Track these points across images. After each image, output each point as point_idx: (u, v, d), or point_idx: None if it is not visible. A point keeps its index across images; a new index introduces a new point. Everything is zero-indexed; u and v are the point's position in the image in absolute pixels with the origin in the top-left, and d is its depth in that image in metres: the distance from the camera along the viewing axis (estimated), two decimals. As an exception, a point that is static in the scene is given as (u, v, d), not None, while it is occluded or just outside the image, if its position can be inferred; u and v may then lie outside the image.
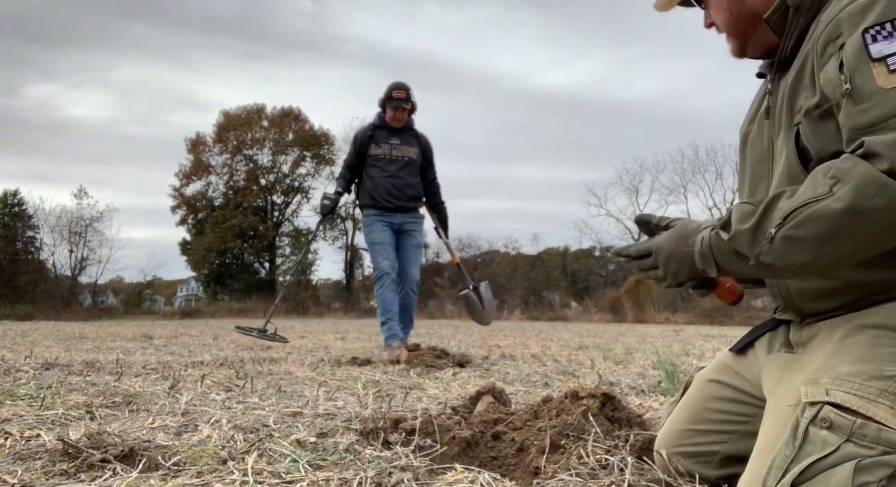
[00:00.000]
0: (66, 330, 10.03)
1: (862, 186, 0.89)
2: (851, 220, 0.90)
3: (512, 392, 2.75)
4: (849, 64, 0.96)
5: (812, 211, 0.94)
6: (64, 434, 1.63)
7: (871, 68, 0.93)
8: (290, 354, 5.03)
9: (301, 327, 12.03)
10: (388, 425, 1.82)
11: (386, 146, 4.88)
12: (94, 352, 5.08)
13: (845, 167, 0.92)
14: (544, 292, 32.46)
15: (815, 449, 0.94)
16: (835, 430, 0.94)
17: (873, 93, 0.93)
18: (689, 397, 1.44)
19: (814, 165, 1.04)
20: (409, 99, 4.79)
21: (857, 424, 0.93)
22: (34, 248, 28.05)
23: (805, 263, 0.97)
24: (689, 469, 1.33)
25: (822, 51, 1.03)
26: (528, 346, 6.64)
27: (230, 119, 34.42)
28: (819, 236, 0.94)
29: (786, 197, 1.00)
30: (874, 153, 0.89)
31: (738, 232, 1.04)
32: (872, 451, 0.92)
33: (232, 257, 34.48)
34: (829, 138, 1.03)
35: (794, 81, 1.11)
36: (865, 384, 0.97)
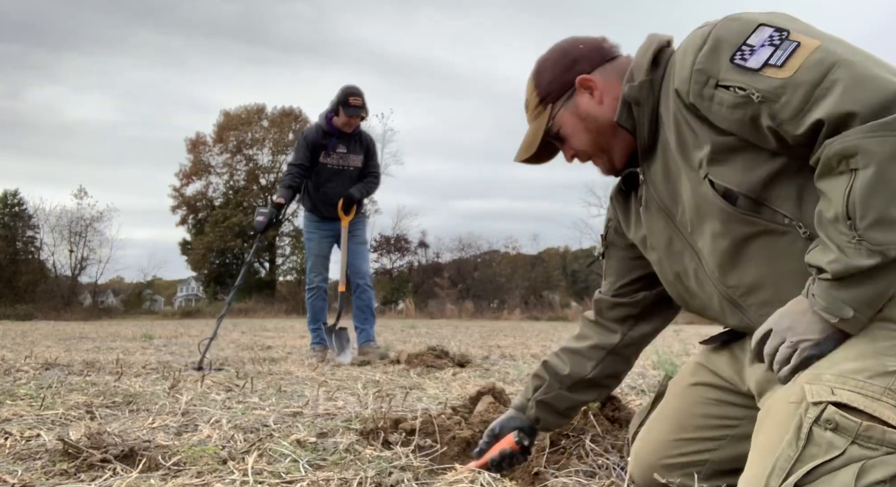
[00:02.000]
0: (66, 330, 10.03)
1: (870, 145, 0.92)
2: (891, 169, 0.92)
3: (512, 392, 2.74)
4: (742, 83, 1.04)
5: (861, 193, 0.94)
6: (64, 434, 1.63)
7: (763, 75, 1.02)
8: (290, 354, 5.03)
9: (301, 327, 12.03)
10: (388, 425, 1.82)
11: (335, 156, 4.72)
12: (94, 352, 5.08)
13: (836, 146, 0.95)
14: (544, 292, 32.44)
15: (820, 452, 0.93)
16: (840, 432, 0.94)
17: (783, 85, 1.00)
18: (669, 404, 1.41)
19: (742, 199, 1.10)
20: (364, 106, 4.59)
21: (862, 426, 0.93)
22: (34, 248, 28.05)
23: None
24: (667, 482, 1.29)
25: (699, 100, 1.09)
26: (528, 346, 6.63)
27: (230, 119, 34.42)
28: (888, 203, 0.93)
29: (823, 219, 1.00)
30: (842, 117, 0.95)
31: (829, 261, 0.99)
32: (876, 452, 0.92)
33: (232, 256, 34.47)
34: (739, 169, 1.10)
35: (677, 150, 1.17)
36: (869, 382, 0.97)
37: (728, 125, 1.08)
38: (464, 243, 33.87)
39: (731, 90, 1.05)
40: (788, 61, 1.00)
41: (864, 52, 1.00)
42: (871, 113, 0.93)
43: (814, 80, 0.98)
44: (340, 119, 4.59)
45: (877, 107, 0.93)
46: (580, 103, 1.29)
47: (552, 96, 1.32)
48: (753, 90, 1.02)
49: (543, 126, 1.33)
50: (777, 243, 1.11)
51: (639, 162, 1.29)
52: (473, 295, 30.38)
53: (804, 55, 1.00)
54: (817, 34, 1.03)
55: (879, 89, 0.94)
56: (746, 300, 1.18)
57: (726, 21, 1.10)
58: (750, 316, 1.19)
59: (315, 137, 4.69)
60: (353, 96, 4.54)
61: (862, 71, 0.96)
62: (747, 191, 1.10)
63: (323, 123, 4.70)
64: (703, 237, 1.19)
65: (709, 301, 1.25)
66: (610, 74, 1.29)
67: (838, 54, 0.98)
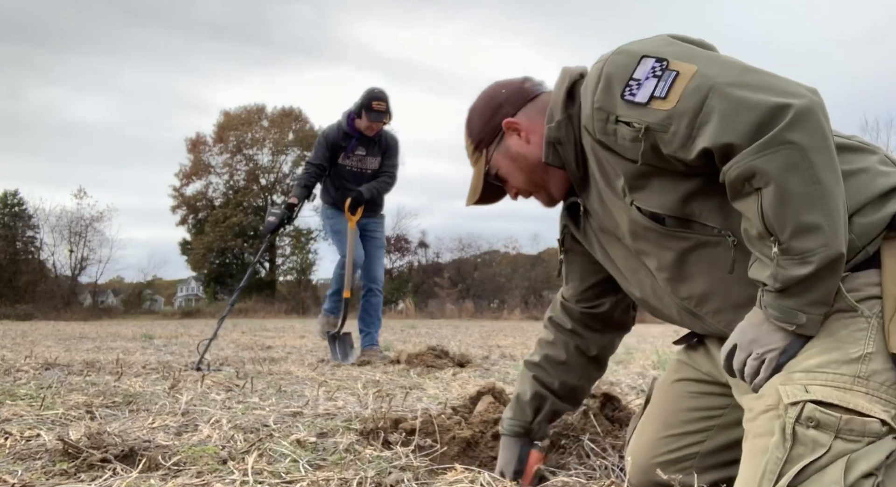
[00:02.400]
0: (66, 330, 10.03)
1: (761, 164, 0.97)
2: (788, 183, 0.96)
3: (511, 392, 2.74)
4: (634, 118, 1.09)
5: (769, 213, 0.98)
6: (64, 434, 1.63)
7: (650, 108, 1.07)
8: (290, 354, 5.03)
9: (301, 327, 12.03)
10: (388, 425, 1.82)
11: (354, 158, 4.65)
12: (94, 352, 5.08)
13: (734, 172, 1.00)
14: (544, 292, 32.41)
15: (807, 450, 0.95)
16: (822, 429, 0.96)
17: (669, 116, 1.05)
18: (655, 404, 1.43)
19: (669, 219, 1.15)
20: (388, 111, 4.46)
21: (843, 420, 0.95)
22: (34, 248, 28.03)
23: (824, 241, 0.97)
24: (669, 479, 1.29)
25: (604, 136, 1.14)
26: (528, 346, 6.63)
27: (230, 119, 34.41)
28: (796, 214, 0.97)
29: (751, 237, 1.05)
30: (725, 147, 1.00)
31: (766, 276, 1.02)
32: (859, 444, 0.94)
33: (232, 256, 34.46)
34: (657, 192, 1.15)
35: (602, 181, 1.23)
36: (838, 373, 1.00)
37: (634, 156, 1.12)
38: (464, 243, 33.87)
39: (628, 125, 1.10)
40: (671, 92, 1.05)
41: (736, 68, 1.04)
42: (748, 138, 0.98)
43: (694, 108, 1.02)
44: (363, 122, 4.48)
45: (753, 130, 0.98)
46: (510, 145, 1.34)
47: (484, 142, 1.37)
48: (645, 124, 1.07)
49: (482, 170, 1.38)
50: (713, 253, 1.15)
51: (577, 193, 1.33)
52: (473, 295, 30.38)
53: (683, 84, 1.04)
54: (695, 57, 1.07)
55: (751, 111, 0.98)
56: (701, 310, 1.22)
57: (614, 56, 1.14)
58: (708, 324, 1.23)
59: (335, 137, 4.62)
60: (376, 101, 4.41)
61: (733, 96, 1.00)
62: (670, 212, 1.15)
63: (344, 124, 4.58)
64: (648, 256, 1.24)
65: (670, 313, 1.29)
66: (533, 112, 1.33)
67: (712, 79, 1.02)
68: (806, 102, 0.97)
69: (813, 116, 0.97)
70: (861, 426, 0.95)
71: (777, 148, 0.96)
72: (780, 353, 1.06)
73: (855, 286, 1.05)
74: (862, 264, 1.06)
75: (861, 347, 1.01)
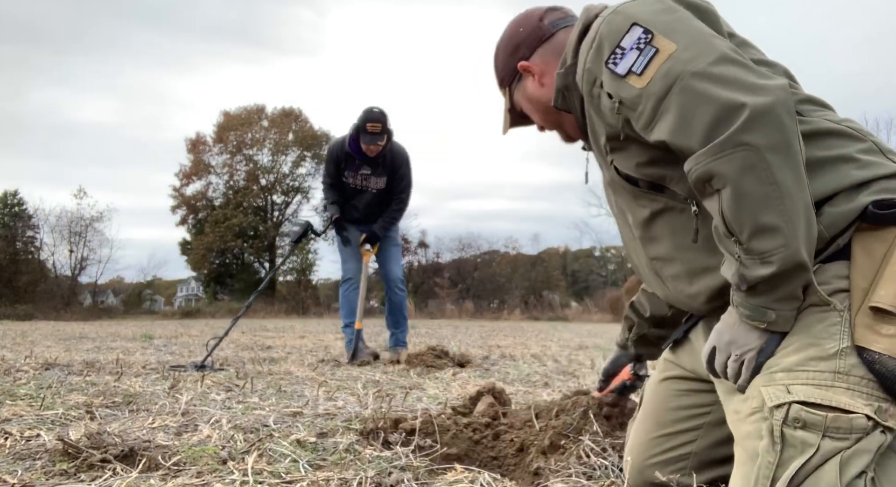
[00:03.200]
0: (66, 330, 10.02)
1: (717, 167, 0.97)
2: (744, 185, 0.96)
3: (512, 392, 2.74)
4: (612, 90, 1.10)
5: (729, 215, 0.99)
6: (64, 434, 1.63)
7: (626, 82, 1.07)
8: (290, 354, 5.03)
9: (301, 327, 12.03)
10: (388, 425, 1.81)
11: (358, 177, 4.61)
12: (94, 352, 5.08)
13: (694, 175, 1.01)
14: (544, 292, 32.43)
15: (797, 452, 0.95)
16: (810, 429, 0.96)
17: (639, 95, 1.06)
18: (646, 404, 1.44)
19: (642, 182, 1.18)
20: (384, 131, 4.38)
21: (829, 418, 0.95)
22: (34, 248, 28.01)
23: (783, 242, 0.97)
24: (667, 480, 1.30)
25: (590, 99, 1.18)
26: (528, 346, 6.63)
27: (230, 119, 34.40)
28: (754, 215, 0.97)
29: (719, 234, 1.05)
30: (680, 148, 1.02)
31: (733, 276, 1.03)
32: (848, 441, 0.94)
33: (232, 256, 34.45)
34: (634, 156, 1.17)
35: (592, 139, 1.26)
36: (817, 371, 0.99)
37: (614, 123, 1.15)
38: (464, 243, 33.85)
39: (609, 96, 1.12)
40: (646, 70, 1.05)
41: (712, 54, 1.01)
42: (703, 139, 0.98)
43: (659, 95, 1.03)
44: (363, 145, 4.44)
45: (707, 130, 0.98)
46: (526, 87, 1.37)
47: (506, 81, 1.41)
48: (619, 98, 1.09)
49: (508, 104, 1.43)
50: (679, 219, 1.18)
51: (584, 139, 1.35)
52: (473, 295, 30.38)
53: (658, 63, 1.04)
54: (680, 32, 1.05)
55: (708, 109, 0.98)
56: (663, 272, 1.24)
57: (612, 15, 1.13)
58: (668, 288, 1.25)
59: (338, 154, 4.60)
60: (371, 123, 4.33)
61: (695, 90, 0.99)
62: (644, 176, 1.17)
63: (348, 145, 4.54)
64: (626, 212, 1.27)
65: (644, 271, 1.32)
66: (548, 54, 1.33)
67: (683, 64, 1.01)
68: (767, 100, 0.96)
69: (771, 114, 0.95)
70: (847, 423, 0.95)
71: (733, 150, 0.96)
72: (758, 352, 1.06)
73: (825, 279, 1.04)
74: (833, 255, 1.05)
75: (836, 342, 1.01)
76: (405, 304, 4.88)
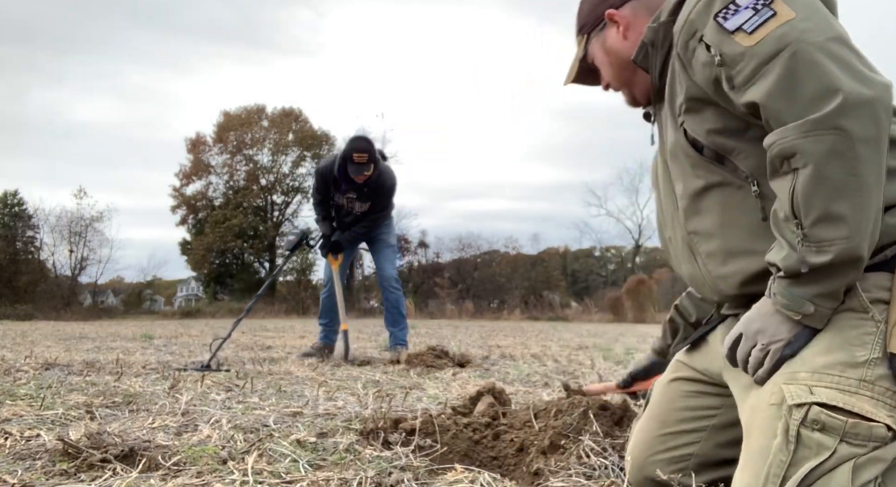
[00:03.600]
0: (66, 330, 10.02)
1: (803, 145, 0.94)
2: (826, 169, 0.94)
3: (512, 392, 2.74)
4: (714, 43, 1.06)
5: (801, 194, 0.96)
6: (64, 434, 1.63)
7: (732, 38, 1.03)
8: (290, 354, 5.03)
9: (301, 327, 12.03)
10: (388, 425, 1.81)
11: (343, 199, 4.72)
12: (94, 352, 5.08)
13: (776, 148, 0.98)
14: (544, 292, 32.42)
15: (811, 454, 0.95)
16: (828, 432, 0.95)
17: (743, 53, 1.01)
18: (653, 404, 1.43)
19: (707, 150, 1.15)
20: (371, 161, 4.42)
21: (849, 424, 0.95)
22: (34, 248, 27.99)
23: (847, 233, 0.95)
24: (668, 479, 1.29)
25: (684, 51, 1.12)
26: (528, 346, 6.63)
27: (230, 119, 34.39)
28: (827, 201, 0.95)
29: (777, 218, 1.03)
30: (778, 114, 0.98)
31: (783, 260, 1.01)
32: (865, 449, 0.94)
33: (232, 257, 34.46)
34: (708, 121, 1.14)
35: (668, 98, 1.22)
36: (844, 376, 0.98)
37: (700, 81, 1.11)
38: (464, 243, 33.85)
39: (707, 49, 1.07)
40: (758, 30, 1.01)
41: (830, 32, 0.98)
42: (801, 110, 0.95)
43: (767, 55, 0.99)
44: (350, 173, 4.49)
45: (807, 102, 0.94)
46: (607, 37, 1.32)
47: (587, 28, 1.36)
48: (718, 53, 1.05)
49: (579, 55, 1.38)
50: (733, 196, 1.16)
51: (653, 99, 1.32)
52: (473, 295, 30.38)
53: (773, 26, 0.99)
54: (799, 4, 1.00)
55: (815, 82, 0.94)
56: (699, 247, 1.22)
57: None
58: (699, 264, 1.23)
59: (327, 176, 4.68)
60: (357, 153, 4.38)
61: (808, 58, 0.95)
62: (710, 143, 1.14)
63: (337, 169, 4.58)
64: (677, 180, 1.25)
65: (674, 244, 1.30)
66: (641, 9, 1.29)
67: (801, 33, 0.97)
68: (872, 93, 0.93)
69: (872, 108, 0.93)
70: (867, 430, 0.94)
71: (826, 131, 0.93)
72: (785, 345, 1.04)
73: (867, 287, 1.03)
74: (879, 265, 1.04)
75: (868, 351, 1.00)
76: (401, 302, 4.89)
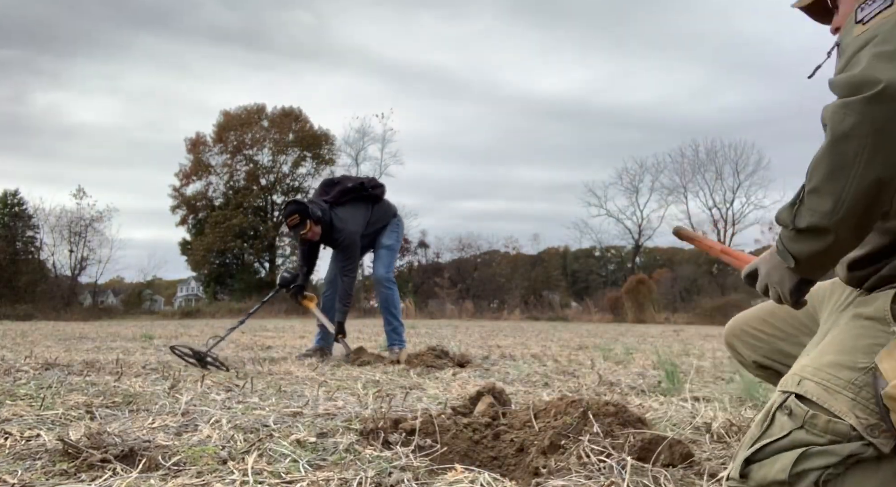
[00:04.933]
0: (66, 330, 10.02)
1: (832, 118, 1.00)
2: (839, 146, 0.99)
3: (512, 392, 2.74)
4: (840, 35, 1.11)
5: (814, 160, 1.04)
6: (64, 434, 1.63)
7: (851, 30, 1.07)
8: (290, 354, 5.03)
9: (301, 327, 12.03)
10: (388, 425, 1.81)
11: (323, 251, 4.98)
12: (94, 352, 5.08)
13: (822, 114, 1.04)
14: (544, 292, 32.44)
15: (774, 432, 1.05)
16: (792, 417, 1.05)
17: (849, 44, 1.06)
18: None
19: None
20: (304, 220, 4.52)
21: (809, 414, 1.04)
22: (34, 248, 28.00)
23: (830, 209, 1.01)
24: (739, 345, 1.52)
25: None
26: (528, 346, 6.63)
27: (230, 119, 34.40)
28: (826, 175, 1.01)
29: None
30: (833, 91, 1.03)
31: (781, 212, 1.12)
32: (821, 439, 1.02)
33: (232, 257, 34.47)
34: None
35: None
36: (836, 376, 1.06)
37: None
38: (464, 243, 33.89)
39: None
40: (871, 20, 1.03)
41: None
42: (848, 90, 0.98)
43: (859, 46, 1.02)
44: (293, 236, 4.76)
45: (855, 86, 0.98)
46: None
47: None
48: (837, 42, 1.11)
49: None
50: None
51: None
52: (473, 295, 30.39)
53: (882, 19, 1.02)
54: None
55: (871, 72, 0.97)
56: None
57: None
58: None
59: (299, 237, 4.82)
60: (289, 217, 4.56)
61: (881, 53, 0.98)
62: None
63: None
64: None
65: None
66: None
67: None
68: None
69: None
70: (825, 423, 1.01)
71: (853, 113, 0.96)
72: (780, 285, 1.18)
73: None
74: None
75: (870, 359, 1.05)
76: (391, 301, 4.87)
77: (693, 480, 1.42)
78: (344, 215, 4.73)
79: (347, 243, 4.72)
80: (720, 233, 34.23)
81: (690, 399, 2.62)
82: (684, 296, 29.30)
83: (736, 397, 2.71)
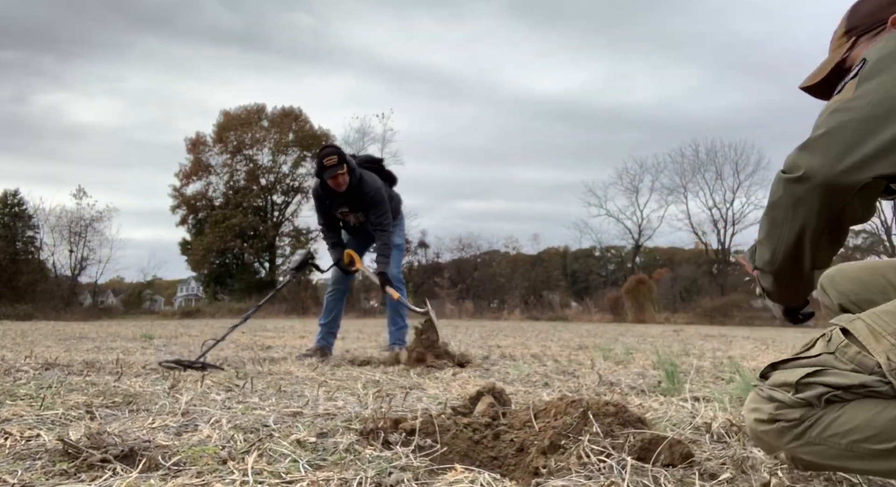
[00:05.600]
0: (66, 330, 10.02)
1: (771, 187, 1.19)
2: (771, 211, 1.18)
3: (512, 392, 2.74)
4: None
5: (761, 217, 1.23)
6: (64, 434, 1.63)
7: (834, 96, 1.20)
8: (290, 354, 5.03)
9: (301, 327, 12.03)
10: (388, 425, 1.81)
11: (339, 214, 4.82)
12: (94, 352, 5.08)
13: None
14: (544, 292, 32.44)
15: (816, 350, 1.16)
16: (828, 343, 1.15)
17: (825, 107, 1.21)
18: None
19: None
20: (342, 161, 4.46)
21: (843, 343, 1.12)
22: (34, 248, 28.02)
23: (769, 258, 1.22)
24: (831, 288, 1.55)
25: None
26: (528, 346, 6.63)
27: (230, 119, 34.41)
28: (765, 232, 1.21)
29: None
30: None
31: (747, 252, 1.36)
32: (845, 367, 1.10)
33: (232, 257, 34.48)
34: None
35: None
36: (887, 322, 1.12)
37: None
38: (464, 243, 33.89)
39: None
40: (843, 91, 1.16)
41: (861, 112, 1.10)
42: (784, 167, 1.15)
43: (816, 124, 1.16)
44: (329, 182, 4.56)
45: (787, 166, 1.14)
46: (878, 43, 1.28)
47: (859, 30, 1.30)
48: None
49: (838, 57, 1.33)
50: None
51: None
52: (473, 295, 30.39)
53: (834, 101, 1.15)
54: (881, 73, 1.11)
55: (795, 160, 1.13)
56: None
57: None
58: None
59: (320, 193, 4.74)
60: (325, 158, 4.47)
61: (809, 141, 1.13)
62: None
63: (320, 185, 4.68)
64: None
65: None
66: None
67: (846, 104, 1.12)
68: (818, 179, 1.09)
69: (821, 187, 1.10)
70: (854, 354, 1.09)
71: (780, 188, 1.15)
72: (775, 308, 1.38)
73: None
74: None
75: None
76: (398, 301, 4.88)
77: (693, 480, 1.41)
78: (369, 178, 4.74)
79: (377, 199, 4.67)
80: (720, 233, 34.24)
81: (690, 399, 2.62)
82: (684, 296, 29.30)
83: (736, 397, 2.71)
